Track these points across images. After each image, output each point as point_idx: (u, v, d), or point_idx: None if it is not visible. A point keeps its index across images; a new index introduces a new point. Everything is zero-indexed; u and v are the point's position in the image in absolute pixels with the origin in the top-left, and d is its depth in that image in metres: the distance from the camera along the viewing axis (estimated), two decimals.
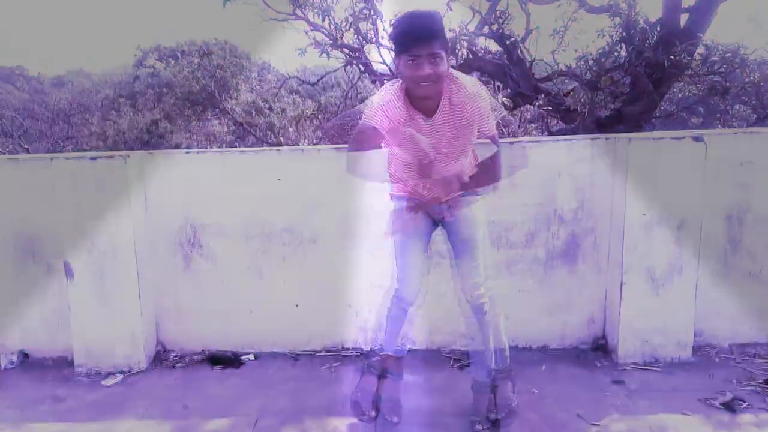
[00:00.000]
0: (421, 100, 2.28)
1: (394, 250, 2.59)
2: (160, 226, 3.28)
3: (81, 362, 3.19)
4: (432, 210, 2.49)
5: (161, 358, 3.32)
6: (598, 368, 3.04)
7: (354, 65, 8.91)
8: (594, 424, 2.50)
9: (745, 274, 3.20)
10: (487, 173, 2.40)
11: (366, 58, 8.48)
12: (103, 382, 3.06)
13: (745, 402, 2.63)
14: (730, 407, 2.59)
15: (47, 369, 3.27)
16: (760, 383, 2.79)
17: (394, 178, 2.53)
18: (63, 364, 3.29)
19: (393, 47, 2.27)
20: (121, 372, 3.16)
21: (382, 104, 2.29)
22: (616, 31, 7.35)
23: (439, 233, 2.62)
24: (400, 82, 2.31)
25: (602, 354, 3.18)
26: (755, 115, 8.46)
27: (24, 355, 3.39)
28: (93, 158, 3.06)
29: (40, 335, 3.37)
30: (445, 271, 3.18)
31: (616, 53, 7.45)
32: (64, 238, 3.10)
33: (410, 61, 2.15)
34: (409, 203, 2.48)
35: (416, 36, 2.14)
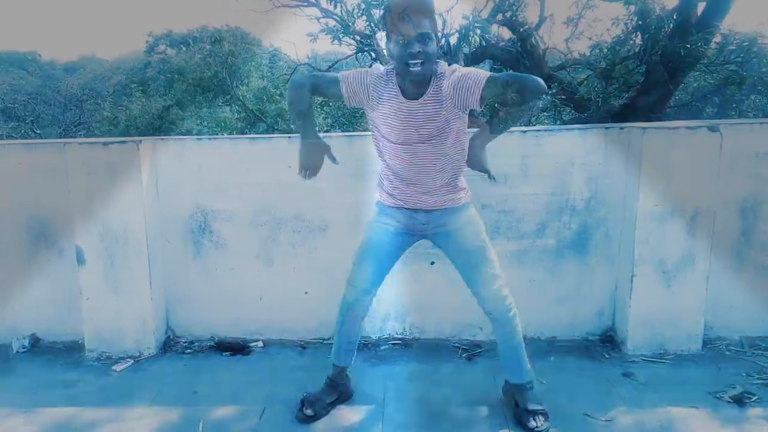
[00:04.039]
0: (409, 83, 2.23)
1: (358, 249, 2.50)
2: (171, 213, 3.28)
3: (92, 347, 3.21)
4: (415, 221, 2.42)
5: (171, 344, 3.34)
6: (607, 360, 3.03)
7: (365, 52, 8.84)
8: (602, 418, 2.49)
9: (758, 267, 3.16)
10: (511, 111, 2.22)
11: (377, 45, 8.40)
12: (113, 367, 3.09)
13: (754, 396, 2.61)
14: (739, 401, 2.57)
15: (58, 353, 3.31)
16: None
17: (382, 185, 2.49)
18: (74, 349, 3.32)
19: (383, 26, 2.22)
20: (132, 357, 3.18)
21: (365, 73, 2.32)
22: (632, 20, 7.24)
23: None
24: (392, 66, 2.30)
25: (611, 346, 3.17)
26: None
27: (35, 339, 3.42)
28: (105, 144, 3.07)
29: (52, 320, 3.40)
30: None
31: (631, 42, 7.36)
32: (76, 223, 3.11)
33: (400, 41, 2.12)
34: (390, 210, 2.44)
35: (407, 15, 2.10)
